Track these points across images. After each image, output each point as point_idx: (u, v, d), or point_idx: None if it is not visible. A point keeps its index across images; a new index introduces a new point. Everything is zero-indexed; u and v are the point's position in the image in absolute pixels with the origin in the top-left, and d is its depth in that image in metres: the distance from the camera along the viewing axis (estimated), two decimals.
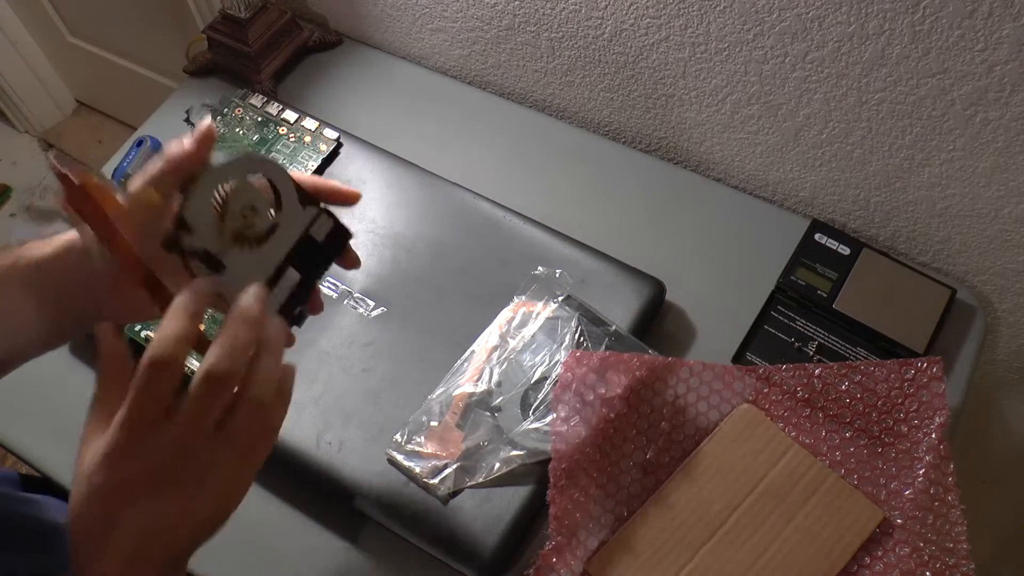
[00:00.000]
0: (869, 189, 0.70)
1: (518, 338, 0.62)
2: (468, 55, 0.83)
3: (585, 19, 0.71)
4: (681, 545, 0.57)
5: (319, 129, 0.74)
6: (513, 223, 0.69)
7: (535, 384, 0.61)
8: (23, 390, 0.68)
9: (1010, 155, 0.61)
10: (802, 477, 0.59)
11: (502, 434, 0.59)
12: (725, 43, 0.65)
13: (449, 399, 0.61)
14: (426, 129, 0.80)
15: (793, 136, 0.70)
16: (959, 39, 0.55)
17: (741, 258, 0.71)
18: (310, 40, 0.85)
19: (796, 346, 0.65)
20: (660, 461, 0.60)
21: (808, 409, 0.62)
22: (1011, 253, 0.68)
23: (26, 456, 0.65)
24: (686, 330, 0.68)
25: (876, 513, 0.58)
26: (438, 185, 0.72)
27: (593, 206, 0.75)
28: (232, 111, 0.76)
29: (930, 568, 0.56)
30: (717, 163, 0.78)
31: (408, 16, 0.82)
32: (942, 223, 0.69)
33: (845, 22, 0.58)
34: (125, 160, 0.77)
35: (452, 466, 0.58)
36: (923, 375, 0.61)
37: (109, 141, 1.80)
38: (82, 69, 1.70)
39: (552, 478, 0.56)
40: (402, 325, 0.65)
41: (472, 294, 0.66)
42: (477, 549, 0.56)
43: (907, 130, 0.64)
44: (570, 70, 0.77)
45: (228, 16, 0.79)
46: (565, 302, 0.63)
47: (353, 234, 0.44)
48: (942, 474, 0.58)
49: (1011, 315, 0.73)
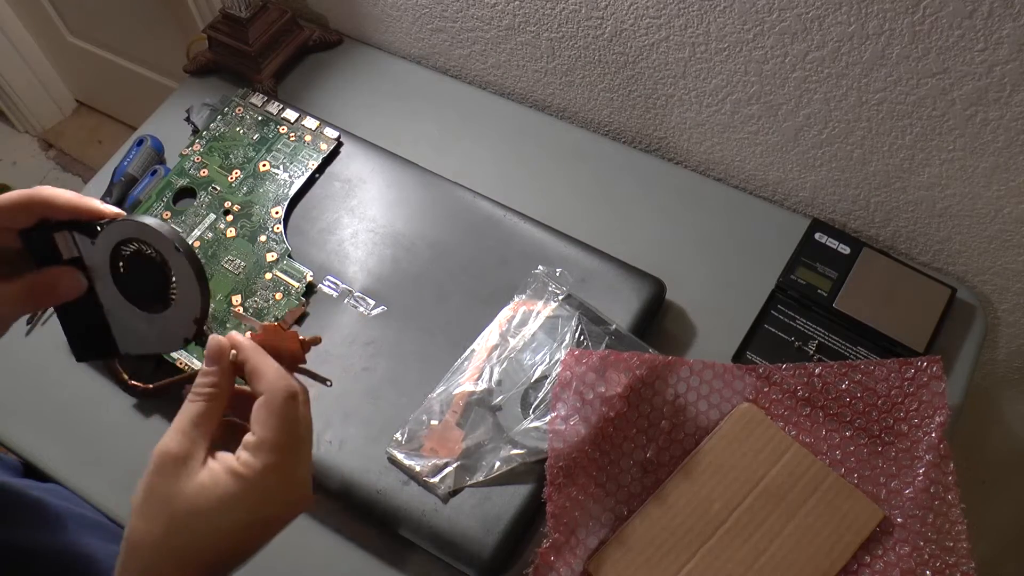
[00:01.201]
0: (869, 189, 0.71)
1: (518, 337, 0.62)
2: (468, 55, 0.83)
3: (585, 19, 0.71)
4: (681, 544, 0.57)
5: (319, 128, 0.74)
6: (513, 222, 0.69)
7: (535, 383, 0.61)
8: (22, 388, 0.68)
9: (1010, 155, 0.61)
10: (802, 476, 0.59)
11: (502, 433, 0.59)
12: (725, 43, 0.66)
13: (449, 398, 0.61)
14: (426, 129, 0.80)
15: (793, 136, 0.70)
16: (959, 39, 0.55)
17: (741, 257, 0.71)
18: (310, 40, 0.85)
19: (796, 345, 0.65)
20: (660, 460, 0.60)
21: (808, 408, 0.62)
22: (1011, 253, 0.68)
23: (27, 454, 0.65)
24: (686, 329, 0.68)
25: (876, 512, 0.58)
26: (438, 184, 0.72)
27: (593, 205, 0.75)
28: (232, 110, 0.76)
29: (930, 567, 0.56)
30: (717, 163, 0.78)
31: (408, 16, 0.82)
32: (942, 223, 0.69)
33: (845, 22, 0.59)
34: (125, 160, 0.77)
35: (452, 465, 0.58)
36: (923, 374, 0.61)
37: (109, 141, 1.80)
38: (82, 69, 1.71)
39: (549, 476, 0.56)
40: (402, 324, 0.65)
41: (472, 293, 0.66)
42: (477, 548, 0.56)
43: (907, 130, 0.64)
44: (570, 70, 0.78)
45: (228, 16, 0.79)
46: (565, 301, 0.64)
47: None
48: (942, 473, 0.58)
49: (1011, 315, 0.73)
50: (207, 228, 0.70)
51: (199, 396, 0.41)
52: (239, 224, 0.70)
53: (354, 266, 0.68)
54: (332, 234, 0.70)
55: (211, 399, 0.41)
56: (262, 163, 0.73)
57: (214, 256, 0.68)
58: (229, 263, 0.68)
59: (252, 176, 0.72)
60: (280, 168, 0.73)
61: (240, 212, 0.70)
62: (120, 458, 0.64)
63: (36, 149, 1.83)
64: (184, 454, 0.39)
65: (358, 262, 0.68)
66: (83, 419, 0.66)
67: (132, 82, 1.61)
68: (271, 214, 0.70)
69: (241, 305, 0.66)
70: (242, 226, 0.70)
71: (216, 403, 0.41)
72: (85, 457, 0.64)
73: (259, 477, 0.39)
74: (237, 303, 0.66)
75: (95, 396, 0.66)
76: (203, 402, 0.41)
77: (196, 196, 0.72)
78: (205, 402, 0.41)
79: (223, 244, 0.69)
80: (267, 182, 0.72)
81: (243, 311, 0.66)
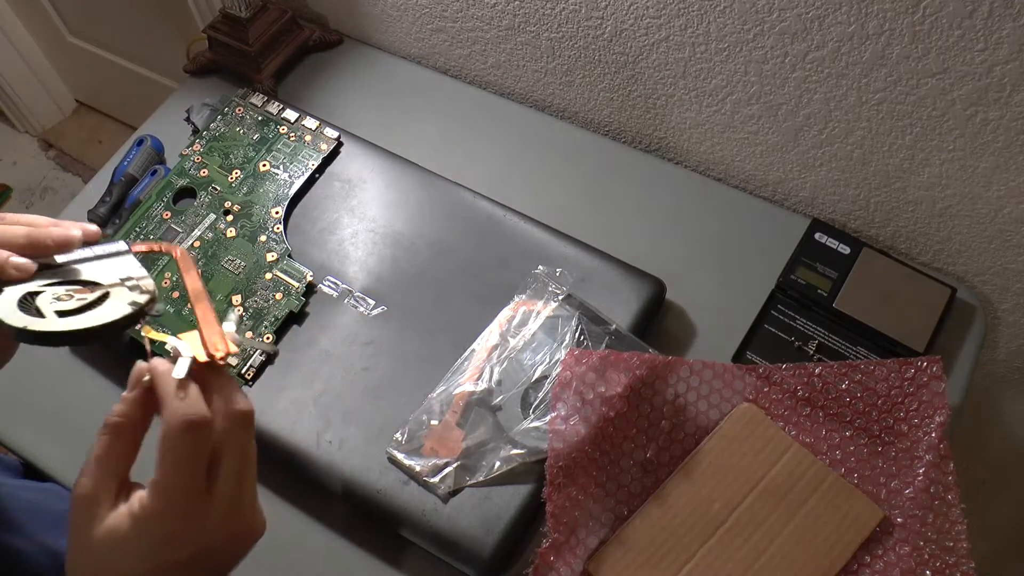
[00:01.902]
0: (869, 189, 0.71)
1: (518, 337, 0.62)
2: (468, 55, 0.83)
3: (585, 19, 0.71)
4: (681, 544, 0.57)
5: (319, 128, 0.74)
6: (513, 222, 0.69)
7: (535, 383, 0.61)
8: (22, 388, 0.68)
9: (1010, 155, 0.61)
10: (802, 476, 0.59)
11: (502, 433, 0.59)
12: (725, 43, 0.66)
13: (449, 398, 0.61)
14: (426, 129, 0.80)
15: (793, 136, 0.70)
16: (959, 39, 0.55)
17: (741, 257, 0.71)
18: (310, 40, 0.85)
19: (796, 345, 0.65)
20: (660, 460, 0.60)
21: (808, 408, 0.62)
22: (1011, 253, 0.68)
23: (27, 454, 0.65)
24: (686, 329, 0.68)
25: (876, 512, 0.58)
26: (438, 184, 0.72)
27: (593, 206, 0.75)
28: (232, 110, 0.76)
29: (930, 567, 0.56)
30: (717, 163, 0.78)
31: (408, 16, 0.82)
32: (942, 223, 0.69)
33: (845, 22, 0.59)
34: (125, 160, 0.77)
35: (452, 465, 0.58)
36: (923, 374, 0.61)
37: (109, 141, 1.80)
38: (82, 69, 1.71)
39: (549, 476, 0.56)
40: (402, 324, 0.65)
41: (472, 293, 0.66)
42: (477, 548, 0.56)
43: (907, 130, 0.64)
44: (570, 70, 0.78)
45: (228, 15, 0.79)
46: (565, 301, 0.64)
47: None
48: (942, 473, 0.58)
49: (1011, 315, 0.73)
50: (207, 228, 0.70)
51: (105, 429, 0.38)
52: (239, 224, 0.70)
53: (354, 266, 0.68)
54: (332, 234, 0.70)
55: (116, 432, 0.38)
56: (262, 163, 0.73)
57: (214, 256, 0.68)
58: (229, 263, 0.68)
59: (252, 176, 0.72)
60: (280, 168, 0.73)
61: (240, 212, 0.70)
62: None
63: (36, 149, 1.83)
64: (90, 495, 0.36)
65: (358, 262, 0.68)
66: (83, 419, 0.66)
67: (132, 82, 1.61)
68: (271, 214, 0.70)
69: (241, 305, 0.66)
70: (242, 226, 0.70)
71: (122, 437, 0.38)
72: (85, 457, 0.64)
73: (155, 520, 0.35)
74: (237, 303, 0.66)
75: (95, 396, 0.66)
76: (107, 436, 0.37)
77: (196, 196, 0.72)
78: (109, 436, 0.37)
79: (223, 244, 0.69)
80: (267, 182, 0.72)
81: (243, 311, 0.66)
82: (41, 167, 1.81)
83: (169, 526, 0.36)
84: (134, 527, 0.35)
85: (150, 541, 0.36)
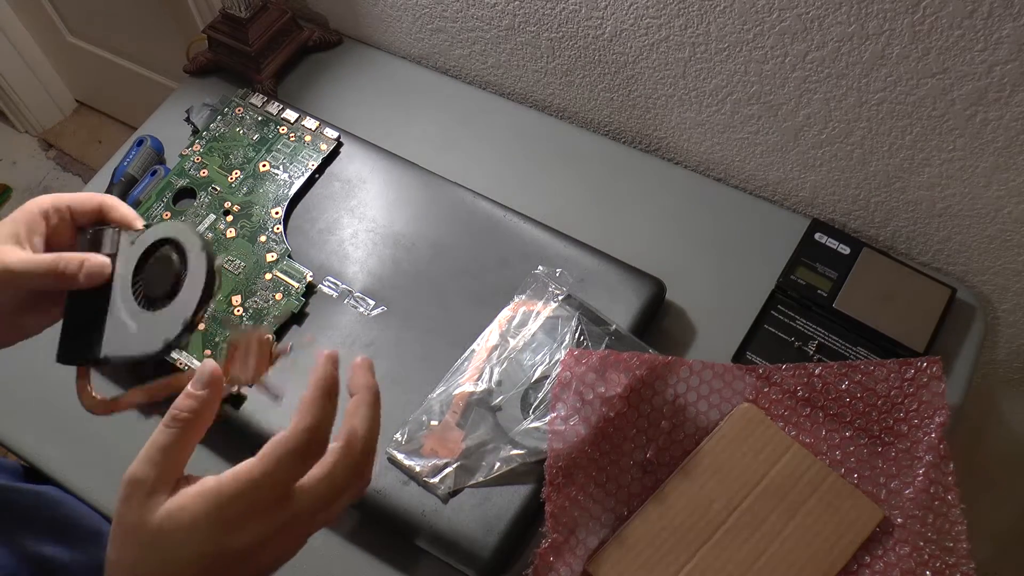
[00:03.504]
0: (869, 189, 0.71)
1: (518, 337, 0.62)
2: (468, 55, 0.83)
3: (585, 19, 0.71)
4: (681, 544, 0.57)
5: (319, 128, 0.74)
6: (513, 222, 0.69)
7: (535, 383, 0.61)
8: (22, 389, 0.68)
9: (1010, 155, 0.61)
10: (802, 476, 0.59)
11: (502, 433, 0.59)
12: (725, 43, 0.66)
13: (449, 398, 0.61)
14: (426, 129, 0.80)
15: (793, 136, 0.70)
16: (959, 39, 0.55)
17: (741, 258, 0.71)
18: (310, 40, 0.85)
19: (796, 345, 0.65)
20: (660, 460, 0.60)
21: (808, 408, 0.62)
22: (1011, 253, 0.68)
23: (27, 455, 0.65)
24: (686, 329, 0.68)
25: (876, 512, 0.58)
26: (438, 184, 0.72)
27: (593, 206, 0.75)
28: (232, 111, 0.76)
29: (930, 567, 0.56)
30: (717, 163, 0.78)
31: (408, 16, 0.82)
32: (942, 223, 0.69)
33: (845, 22, 0.59)
34: (125, 160, 0.77)
35: (452, 465, 0.58)
36: (923, 374, 0.61)
37: (109, 141, 1.80)
38: (82, 69, 1.71)
39: (548, 476, 0.56)
40: (402, 324, 0.65)
41: (472, 293, 0.66)
42: (477, 548, 0.56)
43: (907, 130, 0.64)
44: (570, 70, 0.78)
45: (228, 16, 0.79)
46: (565, 301, 0.64)
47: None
48: (942, 473, 0.58)
49: (1011, 315, 0.73)
50: (207, 228, 0.70)
51: (174, 423, 0.38)
52: (239, 224, 0.70)
53: (354, 266, 0.68)
54: (332, 234, 0.70)
55: (186, 427, 0.38)
56: (262, 163, 0.73)
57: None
58: (229, 263, 0.68)
59: (252, 176, 0.72)
60: (280, 168, 0.73)
61: (240, 212, 0.70)
62: (121, 459, 0.63)
63: (36, 149, 1.84)
64: (150, 483, 0.37)
65: (358, 262, 0.68)
66: (83, 420, 0.66)
67: (132, 82, 1.61)
68: (271, 214, 0.70)
69: (241, 305, 0.66)
70: (242, 226, 0.70)
71: (190, 433, 0.38)
72: (85, 458, 0.64)
73: (233, 500, 0.36)
74: (237, 303, 0.66)
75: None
76: (175, 429, 0.38)
77: (196, 196, 0.72)
78: (179, 430, 0.38)
79: (223, 244, 0.69)
80: (267, 182, 0.72)
81: (243, 311, 0.66)
82: (41, 167, 1.81)
83: (248, 503, 0.36)
84: (204, 506, 0.36)
85: (222, 520, 0.36)
